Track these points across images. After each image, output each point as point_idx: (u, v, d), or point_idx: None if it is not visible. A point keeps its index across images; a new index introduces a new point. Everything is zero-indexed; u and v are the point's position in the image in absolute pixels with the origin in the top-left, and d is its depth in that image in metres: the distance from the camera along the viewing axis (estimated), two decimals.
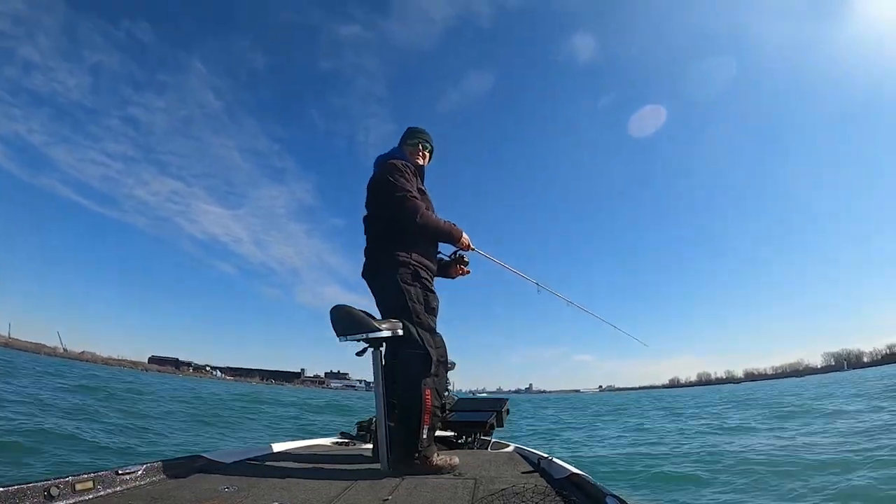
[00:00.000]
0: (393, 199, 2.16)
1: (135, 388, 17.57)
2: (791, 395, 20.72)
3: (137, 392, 15.57)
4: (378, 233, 2.25)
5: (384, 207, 2.21)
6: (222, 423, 10.25)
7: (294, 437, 3.19)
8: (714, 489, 4.74)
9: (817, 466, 5.19)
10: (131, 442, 6.26)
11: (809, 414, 12.06)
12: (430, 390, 1.98)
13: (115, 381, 20.56)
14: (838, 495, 4.06)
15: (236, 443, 7.45)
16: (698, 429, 10.45)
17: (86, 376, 20.91)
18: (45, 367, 22.76)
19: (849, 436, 7.22)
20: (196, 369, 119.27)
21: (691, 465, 5.97)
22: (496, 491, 1.53)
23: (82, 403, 9.75)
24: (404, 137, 2.52)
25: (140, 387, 18.81)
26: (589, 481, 1.53)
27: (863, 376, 36.85)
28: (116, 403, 10.94)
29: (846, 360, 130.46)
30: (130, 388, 16.64)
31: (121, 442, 6.14)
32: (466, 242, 2.38)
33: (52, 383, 14.11)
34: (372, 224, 2.30)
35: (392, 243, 2.17)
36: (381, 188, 2.22)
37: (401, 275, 2.12)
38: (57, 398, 9.96)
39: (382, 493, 1.54)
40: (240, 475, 1.75)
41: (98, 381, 18.20)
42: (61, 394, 11.14)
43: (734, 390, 46.97)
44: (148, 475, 1.61)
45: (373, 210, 2.30)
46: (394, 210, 2.17)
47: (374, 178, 2.32)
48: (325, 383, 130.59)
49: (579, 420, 16.36)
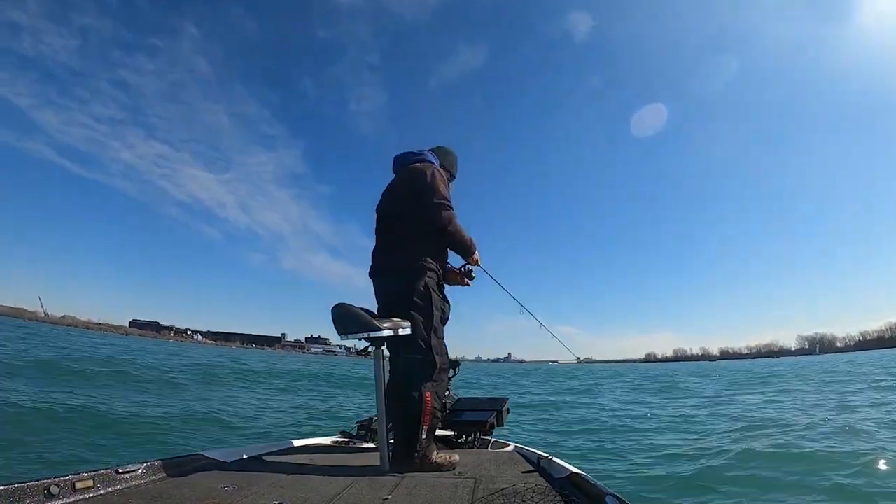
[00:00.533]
0: (431, 203, 2.12)
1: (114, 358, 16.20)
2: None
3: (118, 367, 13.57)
4: (406, 234, 2.16)
5: (418, 210, 2.14)
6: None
7: (294, 436, 3.20)
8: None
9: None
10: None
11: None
12: (431, 393, 2.00)
13: (93, 352, 18.39)
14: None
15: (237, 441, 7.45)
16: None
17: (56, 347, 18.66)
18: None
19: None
20: (177, 333, 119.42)
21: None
22: (496, 490, 1.54)
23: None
24: (441, 155, 2.45)
25: (121, 357, 17.16)
26: (589, 481, 1.54)
27: (813, 363, 38.71)
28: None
29: (819, 343, 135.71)
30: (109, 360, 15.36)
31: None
32: (477, 258, 2.39)
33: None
34: (397, 224, 2.20)
35: (421, 248, 2.13)
36: (416, 184, 2.16)
37: (429, 280, 2.11)
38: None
39: (382, 492, 1.54)
40: (240, 474, 1.75)
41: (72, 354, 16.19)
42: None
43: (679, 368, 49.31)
44: (148, 474, 1.61)
45: (401, 210, 2.20)
46: (430, 214, 2.12)
47: (410, 174, 2.23)
48: (306, 348, 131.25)
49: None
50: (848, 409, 8.81)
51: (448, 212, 2.15)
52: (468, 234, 2.28)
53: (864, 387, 13.19)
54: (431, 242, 2.17)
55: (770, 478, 4.46)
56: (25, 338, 21.66)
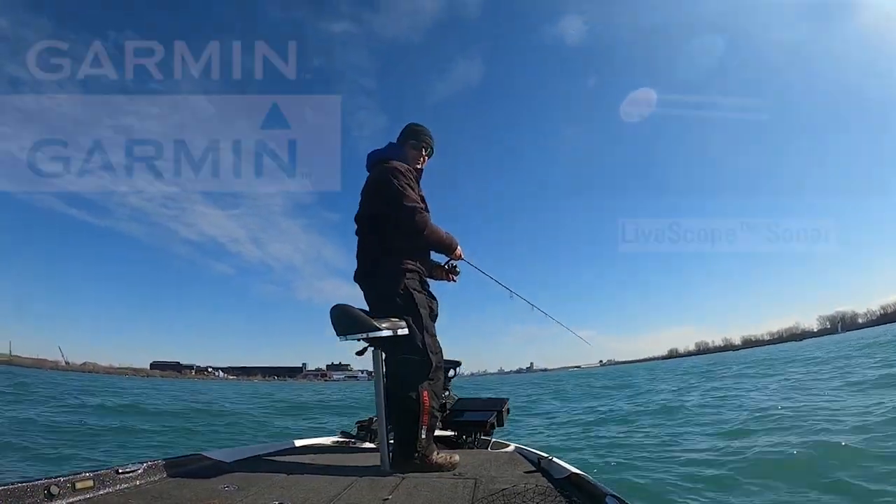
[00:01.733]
0: (400, 207, 2.09)
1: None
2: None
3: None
4: (379, 236, 2.16)
5: (386, 212, 2.13)
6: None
7: (294, 436, 3.20)
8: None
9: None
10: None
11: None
12: (428, 392, 2.01)
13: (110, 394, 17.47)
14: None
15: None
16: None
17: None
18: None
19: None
20: (198, 371, 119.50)
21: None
22: (496, 491, 1.54)
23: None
24: (406, 136, 2.36)
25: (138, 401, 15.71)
26: (589, 481, 1.54)
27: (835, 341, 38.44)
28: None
29: (840, 322, 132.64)
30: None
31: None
32: (459, 253, 2.35)
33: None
34: (370, 226, 2.20)
35: (397, 249, 2.13)
36: (384, 192, 2.14)
37: (409, 281, 2.11)
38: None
39: (383, 493, 1.55)
40: (240, 474, 1.76)
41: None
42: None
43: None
44: (148, 474, 1.61)
45: (370, 211, 2.20)
46: (398, 216, 2.10)
47: (375, 180, 2.22)
48: (328, 376, 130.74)
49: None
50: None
51: (420, 215, 2.11)
52: (445, 232, 2.25)
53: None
54: (409, 241, 2.15)
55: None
56: (87, 390, 19.13)
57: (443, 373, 2.24)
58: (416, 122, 2.43)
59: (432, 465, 1.95)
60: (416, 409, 1.96)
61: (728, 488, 3.99)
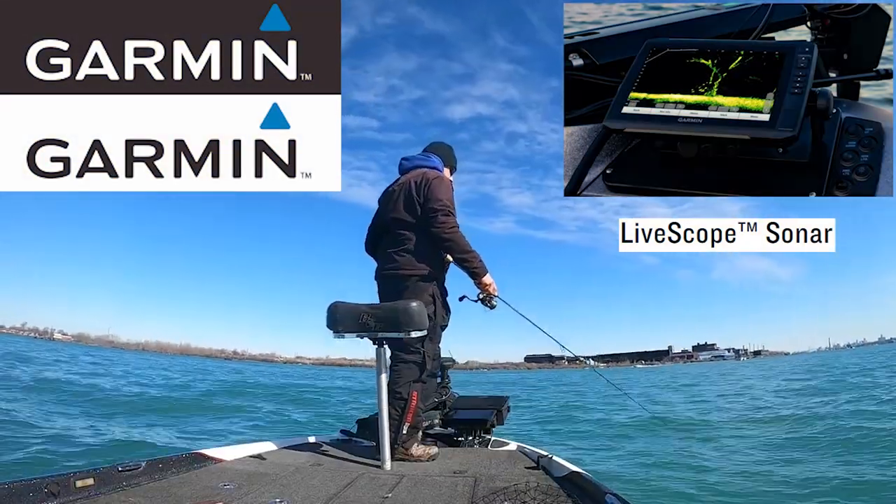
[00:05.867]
0: (430, 208, 2.06)
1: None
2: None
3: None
4: (415, 240, 2.12)
5: (423, 216, 2.10)
6: None
7: (295, 434, 3.20)
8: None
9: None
10: None
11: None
12: (418, 393, 2.09)
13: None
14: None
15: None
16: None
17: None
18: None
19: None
20: (569, 361, 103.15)
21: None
22: (496, 489, 1.54)
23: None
24: (446, 156, 2.36)
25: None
26: (589, 480, 1.55)
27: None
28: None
29: None
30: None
31: None
32: (488, 283, 2.18)
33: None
34: (408, 230, 2.15)
35: (433, 256, 2.14)
36: (430, 197, 2.09)
37: (438, 290, 2.16)
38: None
39: (383, 491, 1.55)
40: (240, 472, 1.76)
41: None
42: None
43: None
44: (148, 472, 1.61)
45: (411, 215, 2.14)
46: (431, 221, 2.06)
47: (425, 185, 2.14)
48: (694, 357, 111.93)
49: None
50: None
51: (450, 217, 2.06)
52: (471, 247, 2.13)
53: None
54: (436, 249, 2.13)
55: None
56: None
57: (435, 379, 2.31)
58: (438, 141, 2.44)
59: (410, 456, 2.04)
60: (403, 407, 2.04)
61: None
